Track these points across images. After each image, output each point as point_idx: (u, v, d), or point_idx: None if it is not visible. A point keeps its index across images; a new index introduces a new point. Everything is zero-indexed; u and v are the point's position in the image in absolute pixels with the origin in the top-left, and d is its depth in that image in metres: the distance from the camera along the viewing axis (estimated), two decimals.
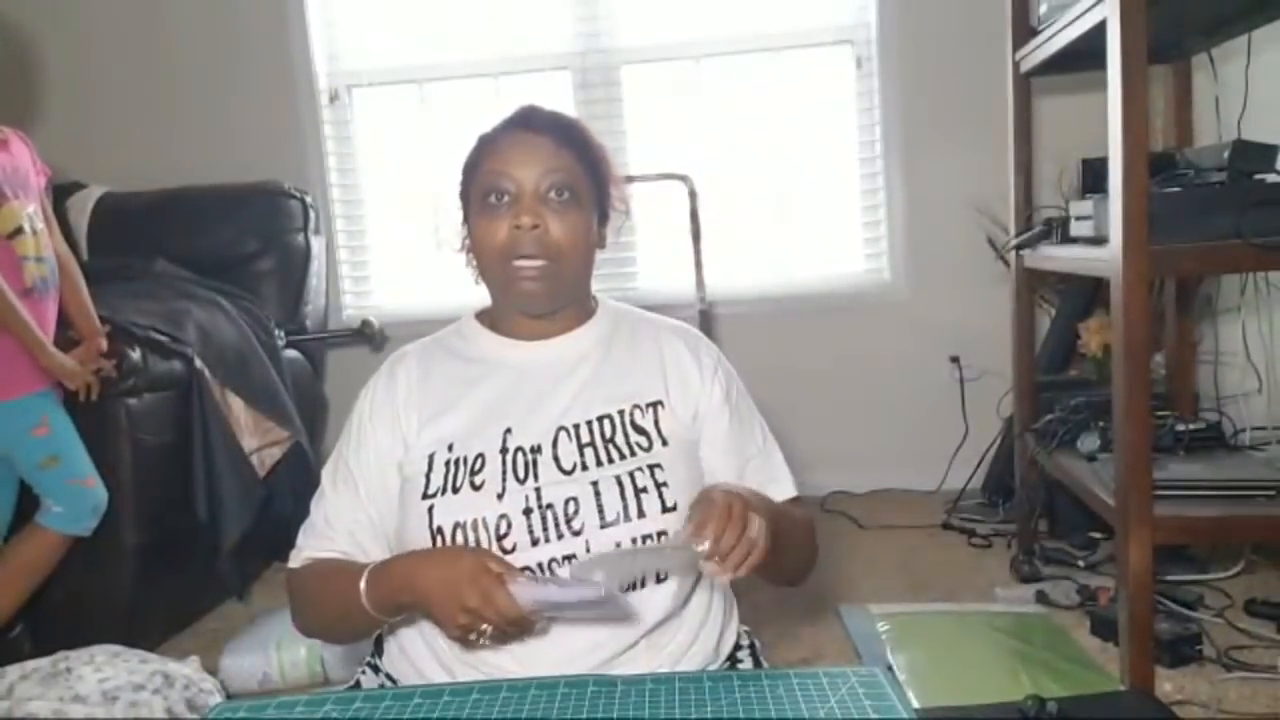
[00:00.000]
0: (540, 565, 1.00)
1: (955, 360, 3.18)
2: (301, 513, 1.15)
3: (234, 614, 2.47)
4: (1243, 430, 2.35)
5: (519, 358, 1.13)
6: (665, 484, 1.04)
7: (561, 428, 1.07)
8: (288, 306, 3.02)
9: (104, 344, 2.12)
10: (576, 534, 1.01)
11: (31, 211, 2.01)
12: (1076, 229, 2.03)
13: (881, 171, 3.23)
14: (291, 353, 2.93)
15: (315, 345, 3.16)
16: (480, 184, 1.09)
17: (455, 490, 1.04)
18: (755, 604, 1.52)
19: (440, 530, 1.02)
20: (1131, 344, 1.66)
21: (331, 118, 3.38)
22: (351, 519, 1.11)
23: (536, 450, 1.06)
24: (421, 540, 1.04)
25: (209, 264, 2.89)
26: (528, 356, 1.13)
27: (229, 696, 1.94)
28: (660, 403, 1.11)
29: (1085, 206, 1.96)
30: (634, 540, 1.01)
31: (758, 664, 1.16)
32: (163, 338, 2.32)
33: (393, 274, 3.49)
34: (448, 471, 1.06)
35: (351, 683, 1.14)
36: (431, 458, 1.07)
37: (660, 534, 1.02)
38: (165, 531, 2.29)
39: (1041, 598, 2.23)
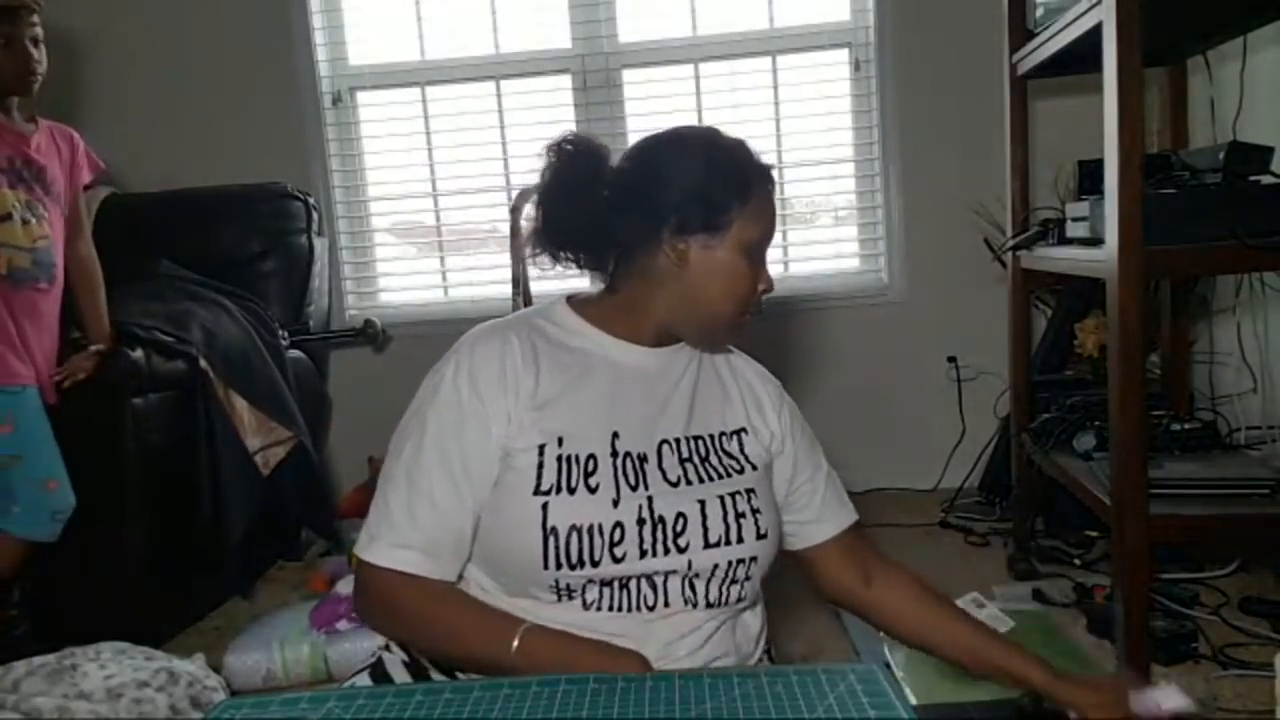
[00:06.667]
0: (645, 577, 1.00)
1: (952, 360, 3.20)
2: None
3: (238, 612, 2.48)
4: (1238, 430, 2.37)
5: (624, 359, 1.09)
6: (759, 510, 1.07)
7: (664, 440, 1.06)
8: (291, 307, 3.03)
9: (95, 351, 2.15)
10: (682, 551, 1.01)
11: (28, 201, 2.01)
12: (1073, 230, 2.04)
13: (879, 173, 3.24)
14: (295, 353, 2.94)
15: (318, 345, 3.17)
16: (749, 233, 1.07)
17: (571, 490, 0.99)
18: None
19: (554, 531, 0.97)
20: (1127, 344, 1.67)
21: (334, 119, 3.39)
22: (457, 513, 1.02)
23: (643, 459, 1.03)
24: (527, 539, 0.98)
25: (213, 265, 2.90)
26: (633, 360, 1.10)
27: (233, 693, 1.96)
28: (744, 429, 1.13)
29: (1081, 208, 1.97)
30: (730, 563, 1.03)
31: (771, 662, 1.17)
32: (167, 338, 2.33)
33: (395, 274, 3.50)
34: (560, 468, 1.00)
35: (372, 660, 1.11)
36: (542, 449, 1.01)
37: (751, 559, 1.05)
38: (169, 530, 2.30)
39: (1038, 595, 2.24)
